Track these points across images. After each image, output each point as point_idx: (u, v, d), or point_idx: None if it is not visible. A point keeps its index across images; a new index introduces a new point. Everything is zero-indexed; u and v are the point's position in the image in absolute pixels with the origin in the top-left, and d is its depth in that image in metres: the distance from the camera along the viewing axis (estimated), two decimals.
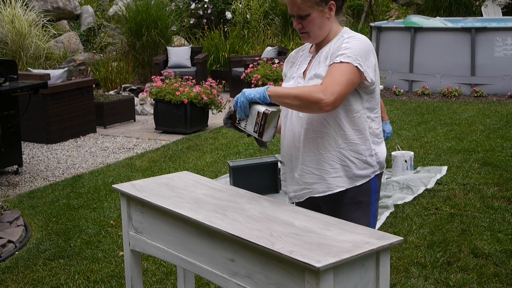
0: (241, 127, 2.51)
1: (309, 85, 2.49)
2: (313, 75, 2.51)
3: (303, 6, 2.47)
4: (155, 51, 11.61)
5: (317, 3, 2.47)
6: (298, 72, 2.63)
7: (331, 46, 2.51)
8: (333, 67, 2.40)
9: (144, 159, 6.81)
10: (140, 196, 2.63)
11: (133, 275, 2.82)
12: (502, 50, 10.00)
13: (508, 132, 7.27)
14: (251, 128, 2.46)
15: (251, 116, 2.45)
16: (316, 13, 2.48)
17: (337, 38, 2.54)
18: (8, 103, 6.19)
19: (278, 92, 2.39)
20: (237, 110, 2.46)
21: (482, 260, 3.96)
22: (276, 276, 2.06)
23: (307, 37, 2.55)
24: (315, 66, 2.55)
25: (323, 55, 2.54)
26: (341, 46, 2.46)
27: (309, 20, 2.49)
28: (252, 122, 2.44)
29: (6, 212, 5.00)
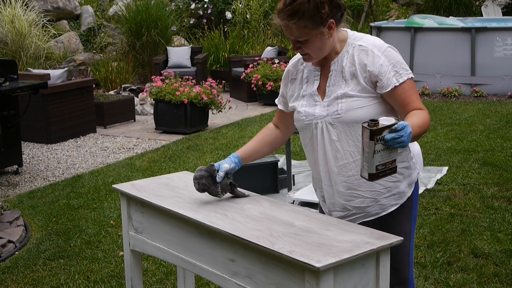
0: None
1: (339, 104, 2.34)
2: (342, 94, 2.34)
3: (299, 33, 2.28)
4: (155, 51, 11.61)
5: (315, 28, 2.27)
6: (310, 90, 2.44)
7: (350, 61, 2.35)
8: (400, 90, 2.30)
9: (144, 159, 6.81)
10: (140, 196, 2.63)
11: (133, 275, 2.82)
12: (502, 50, 10.00)
13: (508, 132, 7.27)
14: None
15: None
16: (315, 37, 2.29)
17: (348, 47, 2.38)
18: (8, 103, 6.19)
19: (417, 132, 2.20)
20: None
21: (482, 260, 3.96)
22: (276, 276, 2.06)
23: (308, 58, 2.38)
24: (337, 84, 2.37)
25: (346, 72, 2.35)
26: (375, 62, 2.30)
27: (308, 44, 2.31)
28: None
29: (6, 212, 5.00)
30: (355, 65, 2.34)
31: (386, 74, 2.30)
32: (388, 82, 2.30)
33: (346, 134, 2.35)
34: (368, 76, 2.32)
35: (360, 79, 2.33)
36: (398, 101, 2.31)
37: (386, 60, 2.31)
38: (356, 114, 2.32)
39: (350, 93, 2.33)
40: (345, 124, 2.35)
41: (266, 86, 9.80)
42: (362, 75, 2.32)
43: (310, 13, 2.23)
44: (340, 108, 2.34)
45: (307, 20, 2.24)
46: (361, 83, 2.33)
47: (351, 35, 2.41)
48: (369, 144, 2.06)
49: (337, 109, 2.35)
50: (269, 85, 9.76)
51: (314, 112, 2.41)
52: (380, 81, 2.31)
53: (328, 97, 2.38)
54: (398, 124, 2.07)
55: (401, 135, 2.05)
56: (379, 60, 2.31)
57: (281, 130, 2.68)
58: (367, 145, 2.06)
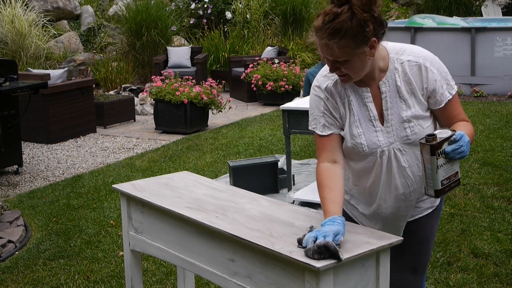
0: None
1: (407, 129, 2.21)
2: (408, 117, 2.20)
3: (340, 53, 2.08)
4: (155, 51, 11.60)
5: (357, 47, 2.07)
6: (364, 114, 2.24)
7: (404, 79, 2.21)
8: (451, 103, 2.22)
9: (144, 159, 6.81)
10: (140, 196, 2.63)
11: (133, 275, 2.82)
12: (502, 50, 10.00)
13: (508, 132, 7.27)
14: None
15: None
16: (356, 57, 2.10)
17: (394, 63, 2.22)
18: (8, 103, 6.19)
19: (471, 142, 2.12)
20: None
21: (482, 260, 3.96)
22: (276, 276, 2.05)
23: (347, 79, 2.18)
24: (396, 106, 2.21)
25: (403, 92, 2.21)
26: (429, 78, 2.19)
27: (348, 65, 2.12)
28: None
29: (6, 212, 5.00)
30: (412, 83, 2.21)
31: (440, 89, 2.21)
32: (442, 97, 2.22)
33: (416, 158, 2.24)
34: (425, 93, 2.22)
35: (419, 96, 2.21)
36: (447, 114, 2.24)
37: (438, 73, 2.21)
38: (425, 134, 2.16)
39: (417, 114, 2.21)
40: (415, 148, 2.22)
41: (266, 86, 9.80)
42: (420, 93, 2.21)
43: (353, 32, 2.04)
44: (409, 132, 2.21)
45: (350, 39, 2.05)
46: (422, 101, 2.22)
47: (391, 49, 2.25)
48: (431, 160, 2.00)
49: (406, 134, 2.21)
50: (269, 85, 9.76)
51: (378, 140, 2.23)
52: (434, 97, 2.22)
53: (389, 122, 2.22)
54: (456, 134, 2.02)
55: (461, 145, 2.02)
56: (433, 75, 2.20)
57: (339, 162, 2.28)
58: (429, 161, 2.01)
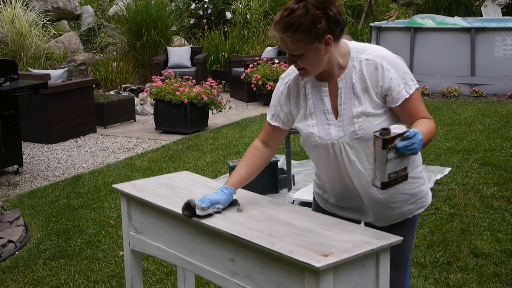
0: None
1: (356, 124, 2.28)
2: (358, 113, 2.28)
3: (294, 47, 2.21)
4: (155, 51, 11.61)
5: (310, 42, 2.18)
6: (319, 107, 2.35)
7: (360, 77, 2.28)
8: (410, 101, 2.27)
9: (144, 159, 6.82)
10: (140, 196, 2.63)
11: (133, 275, 2.82)
12: (502, 50, 10.00)
13: (508, 132, 7.27)
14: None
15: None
16: (310, 52, 2.20)
17: (353, 61, 2.30)
18: (8, 103, 6.19)
19: (426, 140, 2.17)
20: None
21: (482, 260, 3.96)
22: (276, 276, 2.06)
23: (304, 73, 2.29)
24: (349, 102, 2.30)
25: (358, 89, 2.28)
26: (385, 77, 2.25)
27: (304, 59, 2.23)
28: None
29: (6, 212, 5.01)
30: (366, 81, 2.28)
31: (396, 88, 2.26)
32: (399, 96, 2.26)
33: (365, 152, 2.30)
34: (379, 92, 2.28)
35: (372, 95, 2.28)
36: (407, 112, 2.29)
37: (395, 72, 2.27)
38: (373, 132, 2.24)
39: (366, 111, 2.28)
40: (363, 143, 2.29)
41: (266, 86, 9.80)
42: (374, 91, 2.27)
43: (306, 27, 2.15)
44: (358, 128, 2.28)
45: (302, 34, 2.16)
46: (374, 99, 2.28)
47: (353, 48, 2.33)
48: (382, 153, 2.05)
49: (354, 129, 2.29)
50: (269, 85, 9.76)
51: (330, 132, 2.33)
52: (390, 95, 2.27)
53: (342, 117, 2.31)
54: (410, 131, 2.06)
55: (413, 142, 2.05)
56: (389, 74, 2.26)
57: (271, 147, 2.57)
58: (380, 154, 2.06)
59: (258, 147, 2.57)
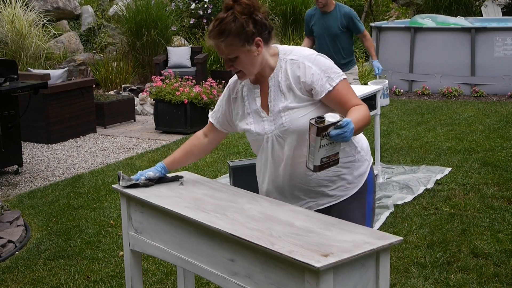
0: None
1: (283, 117, 2.49)
2: (283, 108, 2.50)
3: (228, 51, 2.44)
4: (155, 51, 11.60)
5: (242, 45, 2.43)
6: (254, 107, 2.59)
7: (284, 75, 2.50)
8: (335, 93, 2.45)
9: (144, 159, 6.81)
10: (140, 196, 2.63)
11: (133, 275, 2.82)
12: (502, 50, 10.00)
13: (508, 132, 7.27)
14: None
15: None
16: (243, 54, 2.44)
17: (280, 62, 2.52)
18: (8, 103, 6.18)
19: (359, 126, 2.34)
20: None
21: (482, 260, 3.96)
22: (276, 276, 2.06)
23: (242, 75, 2.53)
24: (277, 98, 2.52)
25: (283, 86, 2.50)
26: (306, 73, 2.45)
27: (239, 62, 2.47)
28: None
29: (6, 212, 5.00)
30: (289, 78, 2.49)
31: (319, 82, 2.45)
32: (322, 88, 2.45)
33: (295, 144, 2.50)
34: (302, 87, 2.47)
35: (296, 90, 2.48)
36: (335, 102, 2.48)
37: (317, 68, 2.46)
38: (300, 123, 2.46)
39: (290, 105, 2.49)
40: (292, 134, 2.49)
41: None
42: (297, 87, 2.48)
43: (236, 31, 2.39)
44: (284, 120, 2.50)
45: (234, 38, 2.40)
46: (298, 94, 2.48)
47: (281, 50, 2.55)
48: (316, 140, 2.20)
49: (282, 122, 2.51)
50: None
51: (264, 127, 2.56)
52: (314, 89, 2.46)
53: (272, 112, 2.54)
54: (343, 121, 2.21)
55: (345, 131, 2.20)
56: (310, 70, 2.46)
57: (209, 140, 2.84)
58: (314, 140, 2.20)
59: (198, 136, 2.86)
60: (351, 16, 6.22)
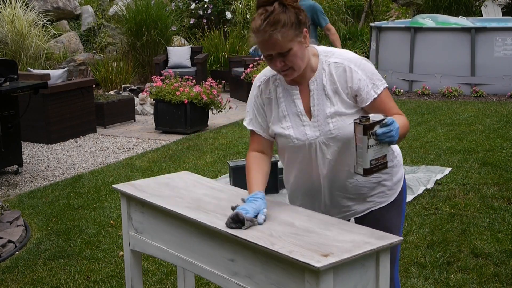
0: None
1: (330, 124, 2.38)
2: (331, 114, 2.38)
3: (284, 42, 2.28)
4: (155, 51, 11.61)
5: (297, 35, 2.30)
6: (294, 110, 2.44)
7: (329, 79, 2.39)
8: (379, 100, 2.38)
9: (144, 159, 6.81)
10: (140, 196, 2.63)
11: (133, 275, 2.82)
12: (502, 50, 10.00)
13: (508, 132, 7.27)
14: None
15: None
16: (297, 45, 2.31)
17: (322, 64, 2.41)
18: (8, 103, 6.19)
19: (401, 133, 2.26)
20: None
21: (482, 260, 3.96)
22: (276, 276, 2.06)
23: (291, 72, 2.35)
24: (322, 103, 2.40)
25: (328, 90, 2.39)
26: (354, 78, 2.36)
27: (291, 55, 2.30)
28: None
29: (6, 212, 5.00)
30: (335, 83, 2.39)
31: (365, 88, 2.37)
32: (368, 95, 2.37)
33: (340, 152, 2.41)
34: (349, 92, 2.38)
35: (343, 96, 2.38)
36: (378, 110, 2.37)
37: (363, 73, 2.38)
38: (348, 130, 2.36)
39: (339, 111, 2.38)
40: (338, 142, 2.40)
41: None
42: (344, 92, 2.38)
43: (291, 21, 2.27)
44: (332, 127, 2.39)
45: (290, 28, 2.27)
46: (345, 99, 2.39)
47: (321, 51, 2.45)
48: (363, 139, 2.12)
49: (329, 129, 2.39)
50: None
51: (305, 133, 2.42)
52: (360, 95, 2.38)
53: (316, 117, 2.41)
54: (388, 118, 2.16)
55: (391, 129, 2.15)
56: (357, 75, 2.37)
57: (267, 154, 2.59)
58: (361, 140, 2.13)
59: (259, 156, 2.58)
60: (316, 9, 6.17)
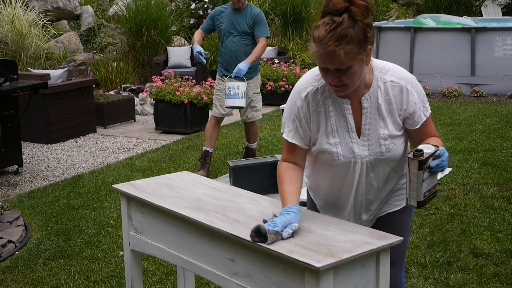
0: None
1: (382, 146, 2.33)
2: (385, 136, 2.32)
3: (346, 60, 2.12)
4: (155, 51, 11.60)
5: (360, 53, 2.14)
6: (342, 125, 2.32)
7: (385, 99, 2.30)
8: (426, 123, 2.35)
9: (144, 159, 6.81)
10: (140, 196, 2.63)
11: (133, 275, 2.82)
12: (502, 50, 10.00)
13: (508, 132, 7.27)
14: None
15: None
16: (358, 63, 2.16)
17: (378, 81, 2.30)
18: (8, 103, 6.18)
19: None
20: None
21: (482, 260, 3.96)
22: (276, 276, 2.06)
23: (344, 89, 2.22)
24: (374, 122, 2.31)
25: (383, 110, 2.30)
26: (409, 101, 2.30)
27: (350, 73, 2.16)
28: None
29: (6, 212, 5.00)
30: (392, 103, 2.31)
31: (418, 112, 2.33)
32: (419, 119, 2.34)
33: (384, 172, 2.40)
34: (403, 114, 2.33)
35: (397, 117, 2.33)
36: (422, 133, 2.36)
37: (417, 96, 2.33)
38: (398, 152, 2.36)
39: (393, 134, 2.33)
40: (385, 163, 2.37)
41: (266, 86, 9.80)
42: (398, 113, 2.32)
43: (358, 38, 2.12)
44: (384, 149, 2.33)
45: (355, 45, 2.11)
46: (398, 121, 2.33)
47: (376, 66, 2.33)
48: (418, 174, 2.12)
49: (380, 150, 2.33)
50: (269, 85, 9.75)
51: (353, 151, 2.33)
52: (412, 118, 2.33)
53: (366, 136, 2.32)
54: (440, 149, 2.17)
55: (443, 160, 2.15)
56: (413, 98, 2.31)
57: (300, 165, 2.44)
58: (415, 175, 2.12)
59: (292, 167, 2.40)
60: (259, 18, 6.00)
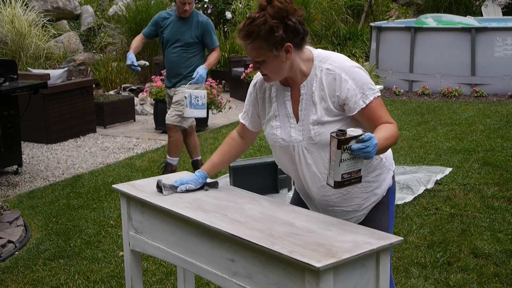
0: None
1: (312, 131, 2.39)
2: (314, 121, 2.39)
3: (256, 53, 2.33)
4: (155, 51, 11.60)
5: (270, 50, 2.30)
6: (284, 111, 2.47)
7: (319, 86, 2.38)
8: (367, 110, 2.35)
9: (144, 159, 6.81)
10: (140, 196, 2.63)
11: (133, 275, 2.82)
12: (502, 50, 10.00)
13: (508, 132, 7.27)
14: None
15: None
16: (270, 59, 2.32)
17: (315, 70, 2.39)
18: (8, 103, 6.18)
19: (385, 145, 2.26)
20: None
21: (482, 260, 3.96)
22: (276, 276, 2.05)
23: (267, 78, 2.43)
24: (308, 108, 2.41)
25: (316, 96, 2.39)
26: (342, 87, 2.34)
27: (265, 66, 2.35)
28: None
29: (6, 212, 5.00)
30: (324, 90, 2.38)
31: (353, 98, 2.35)
32: (355, 105, 2.36)
33: (321, 158, 2.41)
34: (336, 101, 2.37)
35: (329, 103, 2.38)
36: (366, 119, 2.38)
37: (353, 83, 2.35)
38: (328, 138, 2.31)
39: (321, 120, 2.38)
40: (319, 149, 2.40)
41: None
42: (331, 100, 2.38)
43: (264, 35, 2.28)
44: (313, 134, 2.40)
45: (262, 41, 2.29)
46: (330, 107, 2.38)
47: (316, 56, 2.42)
48: (336, 153, 2.13)
49: (310, 135, 2.41)
50: None
51: (290, 135, 2.45)
52: (347, 104, 2.36)
53: (302, 121, 2.43)
54: (365, 135, 2.14)
55: (367, 145, 2.13)
56: (346, 85, 2.35)
57: (245, 140, 2.76)
58: (334, 153, 2.14)
59: (234, 136, 2.78)
60: (208, 27, 5.61)
